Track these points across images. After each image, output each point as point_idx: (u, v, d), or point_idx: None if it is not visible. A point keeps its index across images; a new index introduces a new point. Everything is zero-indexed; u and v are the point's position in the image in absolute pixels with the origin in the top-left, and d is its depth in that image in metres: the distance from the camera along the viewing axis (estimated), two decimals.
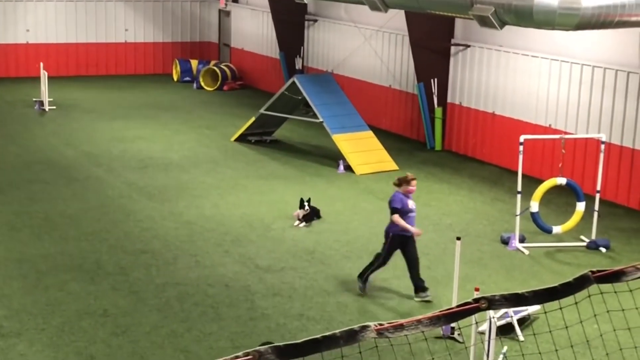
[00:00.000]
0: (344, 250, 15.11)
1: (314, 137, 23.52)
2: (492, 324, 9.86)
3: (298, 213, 16.42)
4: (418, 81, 22.98)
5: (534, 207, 15.35)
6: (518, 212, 15.36)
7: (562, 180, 15.40)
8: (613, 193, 18.26)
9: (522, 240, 15.47)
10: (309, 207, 16.42)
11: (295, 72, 27.39)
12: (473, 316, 4.40)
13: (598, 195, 15.86)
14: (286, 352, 3.88)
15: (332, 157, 21.16)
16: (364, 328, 4.02)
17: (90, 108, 27.13)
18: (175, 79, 33.06)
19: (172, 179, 19.34)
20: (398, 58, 24.56)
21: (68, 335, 11.47)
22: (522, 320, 11.96)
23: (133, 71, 34.03)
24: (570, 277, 4.55)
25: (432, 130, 23.04)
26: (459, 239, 11.58)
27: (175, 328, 11.77)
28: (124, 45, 33.88)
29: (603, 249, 15.41)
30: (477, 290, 11.70)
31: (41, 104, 26.61)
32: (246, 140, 23.09)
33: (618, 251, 15.45)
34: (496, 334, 10.19)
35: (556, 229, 15.55)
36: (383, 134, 23.05)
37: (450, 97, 22.92)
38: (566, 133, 18.69)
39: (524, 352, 10.98)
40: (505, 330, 11.55)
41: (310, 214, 16.48)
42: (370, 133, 21.43)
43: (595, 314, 7.71)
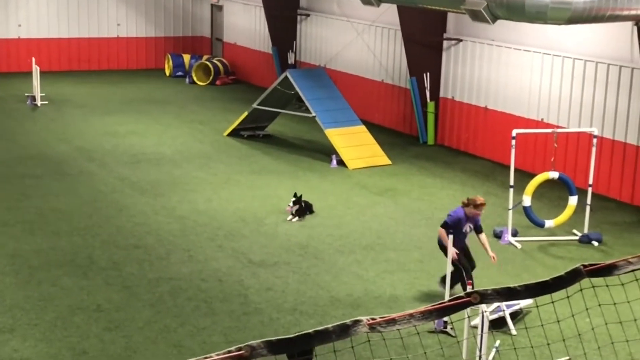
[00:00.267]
0: (337, 244, 15.12)
1: (307, 132, 23.51)
2: (485, 318, 9.88)
3: (290, 208, 16.39)
4: (410, 76, 22.98)
5: (527, 201, 15.38)
6: (510, 206, 15.39)
7: (555, 174, 15.43)
8: (605, 187, 18.30)
9: (515, 234, 15.50)
10: (299, 202, 16.32)
11: (287, 67, 27.37)
12: (465, 310, 4.41)
13: (590, 189, 15.89)
14: (279, 347, 3.89)
15: (325, 152, 21.16)
16: (357, 322, 4.03)
17: (83, 103, 27.08)
18: (167, 73, 33.00)
19: (165, 174, 19.32)
20: (390, 52, 24.56)
21: (61, 330, 11.46)
22: (515, 314, 11.99)
23: (125, 66, 33.97)
24: (563, 271, 4.57)
25: (425, 125, 23.05)
26: (451, 233, 11.60)
27: (168, 323, 11.77)
28: (116, 40, 33.81)
29: (595, 243, 15.45)
30: (470, 284, 11.75)
31: (33, 99, 26.55)
32: (239, 135, 23.08)
33: (610, 245, 15.49)
34: (488, 328, 10.22)
35: (548, 222, 15.58)
36: (376, 129, 23.06)
37: (443, 92, 22.93)
38: (558, 127, 18.73)
39: (516, 346, 11.01)
40: (498, 324, 11.57)
41: (303, 209, 16.47)
42: (363, 127, 21.44)
43: (587, 308, 7.73)
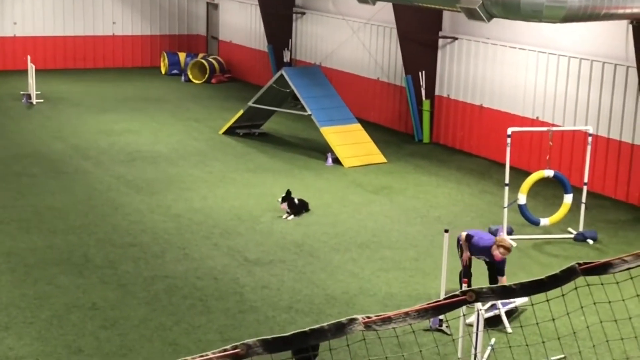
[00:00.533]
0: (332, 242, 15.13)
1: (302, 130, 23.52)
2: (480, 316, 9.89)
3: (284, 207, 16.40)
4: (406, 74, 23.00)
5: (522, 199, 15.39)
6: (506, 204, 15.40)
7: (550, 173, 15.45)
8: (600, 185, 18.33)
9: (510, 232, 15.51)
10: (287, 199, 16.29)
11: (283, 65, 27.37)
12: (461, 308, 4.42)
13: (585, 188, 15.92)
14: (274, 345, 3.89)
15: (321, 150, 21.17)
16: (352, 321, 4.04)
17: (78, 101, 27.05)
18: (163, 71, 32.99)
19: (161, 172, 19.31)
20: (386, 51, 24.56)
21: (57, 328, 11.46)
22: (510, 312, 12.01)
23: (121, 64, 33.94)
24: (558, 269, 4.58)
25: (420, 123, 23.07)
26: (447, 231, 11.61)
27: (163, 321, 11.77)
28: (111, 38, 33.78)
29: (590, 241, 15.47)
30: (465, 282, 11.76)
31: (29, 97, 26.51)
32: (234, 133, 23.08)
33: (605, 243, 15.52)
34: (484, 326, 10.23)
35: (544, 221, 15.60)
36: (371, 127, 23.07)
37: (438, 90, 22.95)
38: (553, 125, 18.75)
39: (511, 344, 11.03)
40: (493, 323, 11.59)
41: (299, 207, 16.47)
42: (358, 126, 21.45)
43: (582, 306, 7.75)
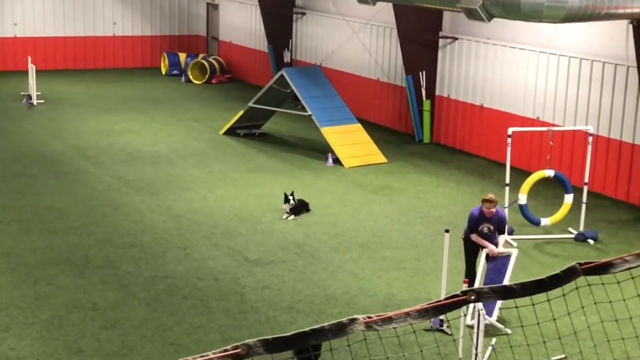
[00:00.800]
0: (332, 242, 15.12)
1: (303, 130, 23.52)
2: (481, 316, 9.88)
3: (285, 207, 16.41)
4: (406, 74, 22.99)
5: (522, 200, 15.39)
6: (506, 205, 15.40)
7: (550, 173, 15.45)
8: (601, 185, 18.32)
9: (511, 232, 15.51)
10: (294, 200, 16.36)
11: (283, 65, 27.37)
12: (462, 308, 4.42)
13: (586, 187, 15.91)
14: (275, 345, 3.89)
15: (321, 150, 21.17)
16: (353, 321, 4.04)
17: (79, 102, 27.05)
18: (163, 72, 32.99)
19: (161, 172, 19.31)
20: (386, 51, 24.56)
21: (57, 329, 11.46)
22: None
23: (121, 65, 33.94)
24: (558, 269, 4.57)
25: (421, 123, 23.07)
26: (447, 231, 11.60)
27: (164, 321, 11.77)
28: (112, 38, 33.77)
29: (591, 241, 15.46)
30: (466, 282, 11.75)
31: (29, 97, 26.52)
32: (235, 134, 23.07)
33: (606, 243, 15.51)
34: (485, 326, 10.22)
35: (544, 221, 15.59)
36: (371, 127, 23.07)
37: (439, 90, 22.94)
38: (554, 125, 18.74)
39: (512, 344, 11.02)
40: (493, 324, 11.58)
41: (299, 207, 16.48)
42: (358, 126, 21.45)
43: (583, 306, 7.75)
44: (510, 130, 15.50)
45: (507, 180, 15.51)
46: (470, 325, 10.87)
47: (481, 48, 21.42)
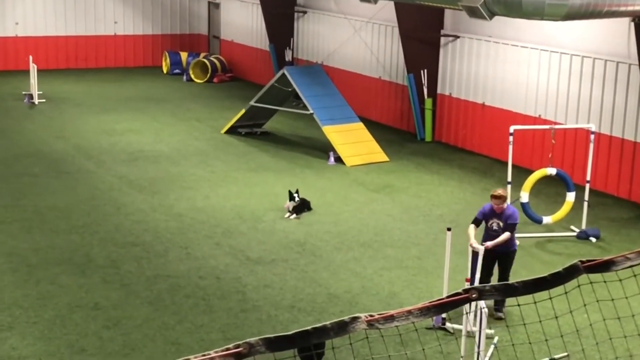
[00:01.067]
0: (334, 241, 15.12)
1: (304, 129, 23.51)
2: (483, 315, 9.87)
3: (288, 205, 16.43)
4: (408, 72, 22.98)
5: (524, 198, 15.38)
6: (508, 203, 15.36)
7: (552, 171, 15.43)
8: (603, 183, 18.31)
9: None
10: (299, 198, 16.41)
11: (285, 64, 27.36)
12: (464, 307, 4.42)
13: (588, 185, 15.90)
14: (277, 344, 3.89)
15: (323, 149, 21.16)
16: (355, 319, 4.03)
17: (80, 101, 27.05)
18: (165, 71, 32.98)
19: (163, 172, 19.31)
20: (388, 49, 24.55)
21: (59, 328, 11.46)
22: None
23: (123, 64, 33.94)
24: (560, 267, 4.57)
25: (422, 122, 23.05)
26: (449, 229, 11.59)
27: (166, 320, 11.77)
28: (113, 37, 33.78)
29: (593, 239, 15.45)
30: (468, 281, 11.74)
31: (30, 97, 26.52)
32: (236, 133, 23.07)
33: (608, 241, 15.50)
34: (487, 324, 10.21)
35: (546, 219, 15.58)
36: (373, 126, 23.05)
37: (440, 88, 22.93)
38: (556, 123, 18.73)
39: (514, 342, 11.01)
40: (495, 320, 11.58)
41: (301, 206, 16.48)
42: (360, 124, 21.44)
43: (585, 304, 7.74)
44: (512, 129, 15.49)
45: (509, 179, 15.50)
46: (472, 332, 10.84)
47: (483, 46, 21.41)
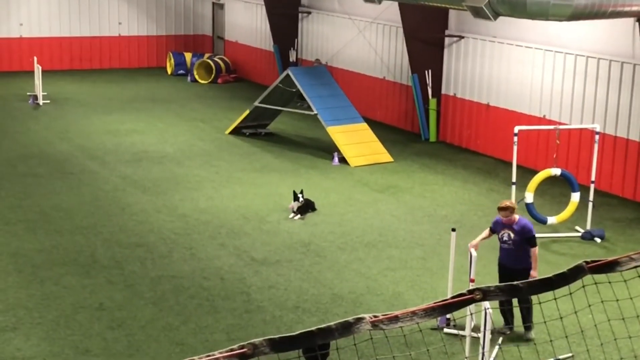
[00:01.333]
0: (339, 242, 15.11)
1: (309, 130, 23.51)
2: (488, 315, 9.86)
3: (293, 205, 16.43)
4: (412, 73, 22.97)
5: (529, 198, 15.36)
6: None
7: (557, 171, 15.41)
8: (607, 183, 18.28)
9: None
10: (303, 199, 16.42)
11: (289, 65, 27.36)
12: (468, 307, 4.40)
13: (592, 186, 15.88)
14: (281, 344, 3.88)
15: (327, 149, 21.15)
16: (359, 320, 4.02)
17: (84, 102, 27.08)
18: (169, 72, 33.00)
19: (167, 172, 19.32)
20: (392, 50, 24.54)
21: (64, 329, 11.47)
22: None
23: (127, 65, 33.96)
24: (565, 268, 4.56)
25: (427, 122, 23.04)
26: (454, 230, 11.59)
27: (170, 321, 11.77)
28: (117, 38, 33.80)
29: (598, 239, 15.43)
30: (472, 281, 11.73)
31: (35, 98, 26.55)
32: (241, 133, 23.07)
33: (613, 241, 15.48)
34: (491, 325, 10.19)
35: (551, 219, 15.56)
36: (377, 126, 23.04)
37: (445, 89, 22.92)
38: (560, 124, 18.70)
39: (518, 343, 11.00)
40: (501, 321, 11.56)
41: (305, 206, 16.48)
42: (364, 125, 21.43)
43: (590, 305, 7.72)
44: (516, 129, 15.47)
45: (514, 179, 15.48)
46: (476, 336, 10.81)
47: (487, 46, 21.39)
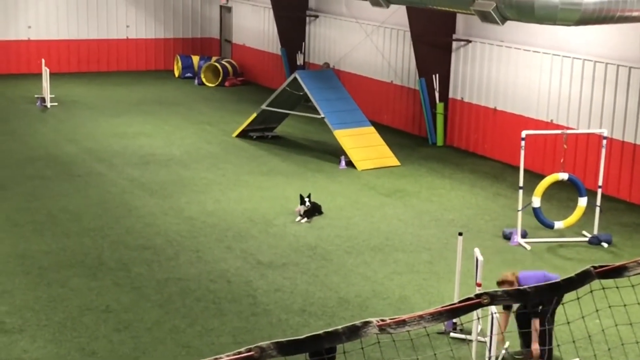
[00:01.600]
0: (345, 245, 15.11)
1: (316, 133, 23.51)
2: (495, 320, 9.84)
3: (299, 209, 16.43)
4: (419, 77, 22.96)
5: (536, 203, 15.34)
6: (520, 208, 15.35)
7: (564, 176, 15.39)
8: (615, 188, 18.25)
9: (524, 235, 15.46)
10: (310, 203, 16.42)
11: (296, 68, 27.38)
12: (475, 312, 4.40)
13: (600, 191, 15.85)
14: (288, 348, 3.88)
15: (334, 153, 21.15)
16: (366, 324, 4.02)
17: (92, 104, 27.12)
18: (176, 75, 33.03)
19: (174, 175, 19.33)
20: (399, 53, 24.54)
21: (70, 331, 11.48)
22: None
23: (134, 67, 34.00)
24: (572, 273, 4.55)
25: (434, 126, 23.03)
26: (461, 234, 11.57)
27: (177, 323, 11.78)
28: (125, 41, 33.85)
29: (605, 244, 15.40)
30: (479, 285, 11.72)
31: (43, 100, 26.60)
32: (248, 136, 23.08)
33: (620, 246, 15.45)
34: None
35: (558, 224, 15.54)
36: (384, 130, 23.04)
37: (452, 93, 22.90)
38: (568, 128, 18.68)
39: (525, 349, 10.96)
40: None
41: (312, 210, 16.47)
42: (371, 129, 21.41)
43: (597, 309, 7.70)
44: (524, 133, 15.45)
45: (521, 183, 15.46)
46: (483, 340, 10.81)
47: (495, 51, 21.37)
